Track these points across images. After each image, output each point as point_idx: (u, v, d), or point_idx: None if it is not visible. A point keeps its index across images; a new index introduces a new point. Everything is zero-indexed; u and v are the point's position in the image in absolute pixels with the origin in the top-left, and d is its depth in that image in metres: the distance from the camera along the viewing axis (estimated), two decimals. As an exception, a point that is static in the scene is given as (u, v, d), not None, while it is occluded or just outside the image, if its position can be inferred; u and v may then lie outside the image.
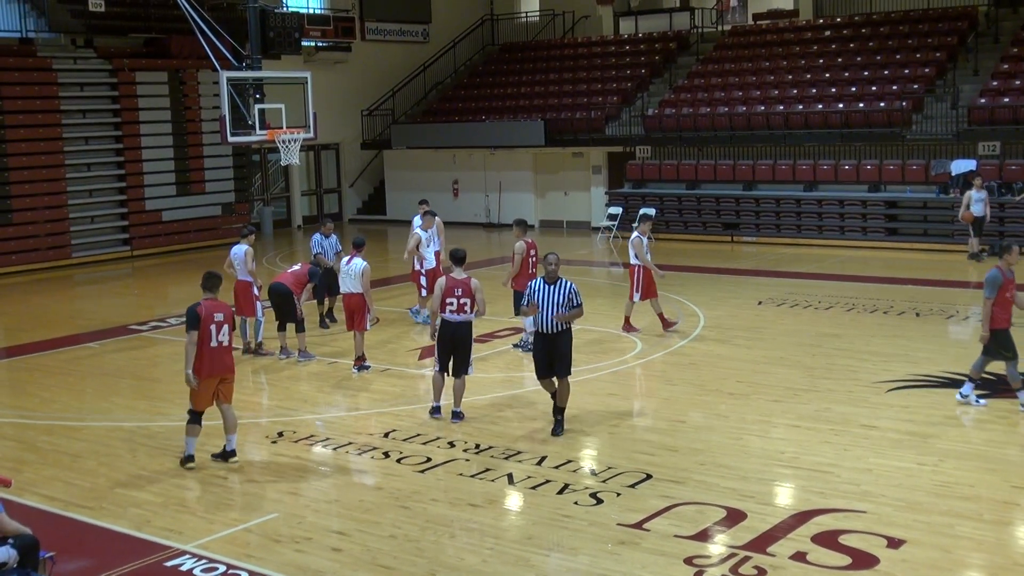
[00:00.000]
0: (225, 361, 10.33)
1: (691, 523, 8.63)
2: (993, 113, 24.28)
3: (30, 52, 26.29)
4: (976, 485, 9.32)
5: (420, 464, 10.29)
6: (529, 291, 11.17)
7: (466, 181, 32.38)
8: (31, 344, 16.90)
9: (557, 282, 10.98)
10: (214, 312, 10.23)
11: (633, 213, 27.57)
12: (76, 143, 26.63)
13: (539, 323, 11.00)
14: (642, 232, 15.86)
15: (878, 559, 7.84)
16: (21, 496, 9.55)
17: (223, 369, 10.32)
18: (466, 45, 36.76)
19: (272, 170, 33.17)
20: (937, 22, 28.45)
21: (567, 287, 10.96)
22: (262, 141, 19.94)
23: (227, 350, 10.33)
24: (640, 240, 15.65)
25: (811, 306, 17.69)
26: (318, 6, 33.38)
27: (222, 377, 10.36)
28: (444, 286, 11.35)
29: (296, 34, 21.68)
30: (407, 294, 20.11)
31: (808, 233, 25.73)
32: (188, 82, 28.53)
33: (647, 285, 15.68)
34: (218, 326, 10.20)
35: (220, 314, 10.23)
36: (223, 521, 9.06)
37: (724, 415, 11.68)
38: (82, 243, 26.61)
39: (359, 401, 12.91)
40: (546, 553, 8.18)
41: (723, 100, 28.50)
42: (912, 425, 11.06)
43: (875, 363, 13.62)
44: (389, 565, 8.08)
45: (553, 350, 10.94)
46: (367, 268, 13.95)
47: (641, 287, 15.67)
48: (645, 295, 15.72)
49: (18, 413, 12.90)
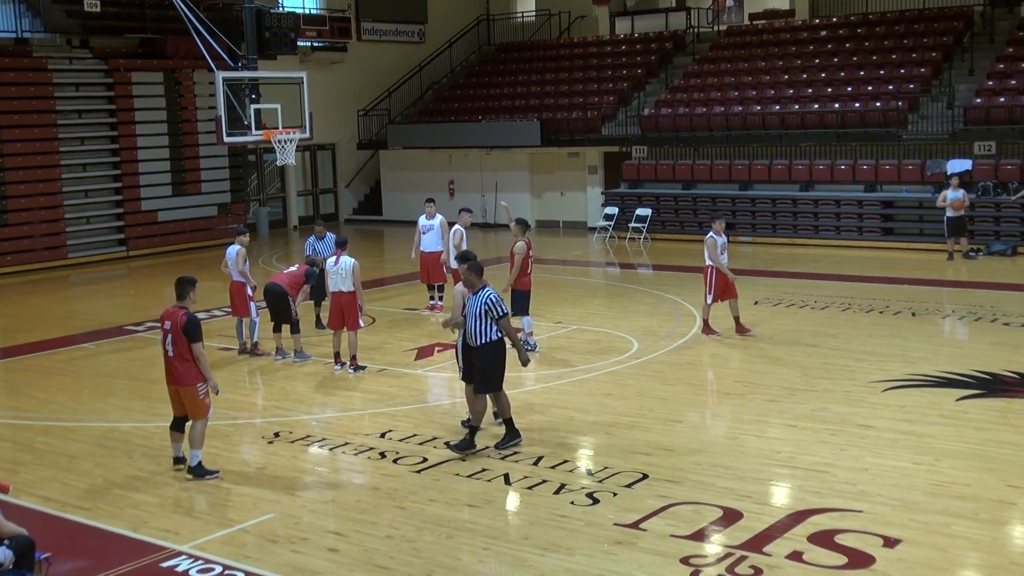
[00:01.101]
0: (170, 371, 10.20)
1: (687, 523, 8.63)
2: (989, 113, 24.31)
3: (26, 52, 26.26)
4: (972, 484, 9.33)
5: (417, 464, 10.29)
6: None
7: (462, 181, 32.38)
8: (27, 345, 16.88)
9: (479, 292, 10.50)
10: (163, 321, 10.16)
11: (629, 213, 27.62)
12: (72, 143, 26.60)
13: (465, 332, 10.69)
14: (716, 231, 15.17)
15: (874, 558, 7.85)
16: (17, 497, 9.51)
17: (169, 379, 10.22)
18: (462, 45, 36.77)
19: (268, 170, 33.16)
20: (933, 22, 28.49)
21: (484, 296, 10.45)
22: (258, 141, 19.91)
23: (171, 360, 10.15)
24: (713, 240, 15.09)
25: (807, 306, 17.70)
26: (314, 6, 33.37)
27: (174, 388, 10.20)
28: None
29: (292, 34, 21.65)
30: (402, 294, 20.13)
31: (804, 233, 25.75)
32: (184, 82, 28.52)
33: (722, 286, 15.16)
34: (164, 335, 10.11)
35: (168, 323, 10.12)
36: (219, 522, 9.06)
37: (721, 415, 11.69)
38: (78, 243, 26.58)
39: (355, 402, 12.90)
40: (542, 553, 8.18)
41: (719, 100, 28.52)
42: (908, 425, 11.07)
43: (871, 363, 13.63)
44: (386, 565, 8.08)
45: (475, 362, 10.59)
46: (357, 265, 13.95)
47: (714, 288, 15.16)
48: (721, 296, 15.23)
49: (14, 414, 12.88)
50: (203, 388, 10.11)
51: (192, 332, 9.99)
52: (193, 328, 10.02)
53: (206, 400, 10.13)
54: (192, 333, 9.99)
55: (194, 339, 10.00)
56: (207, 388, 10.13)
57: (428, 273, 18.02)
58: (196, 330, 10.04)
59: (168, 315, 10.16)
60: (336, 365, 14.17)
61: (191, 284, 10.29)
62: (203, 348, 10.10)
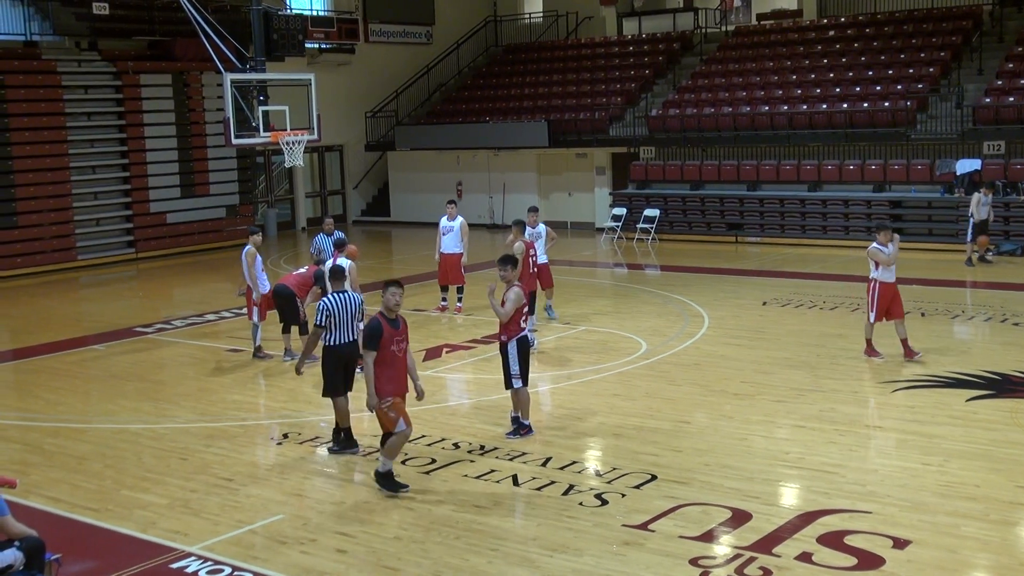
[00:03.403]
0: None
1: (696, 524, 8.62)
2: (998, 112, 24.25)
3: (35, 55, 26.34)
4: (982, 485, 9.31)
5: (425, 465, 10.30)
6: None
7: (470, 182, 32.40)
8: (37, 346, 16.93)
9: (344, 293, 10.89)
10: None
11: (637, 214, 27.61)
12: (81, 146, 26.67)
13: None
14: (881, 241, 13.73)
15: (884, 559, 7.83)
16: (27, 498, 9.56)
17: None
18: (470, 46, 36.79)
19: (276, 172, 33.22)
20: (941, 21, 28.43)
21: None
22: (266, 143, 19.97)
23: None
24: (878, 251, 13.70)
25: (816, 306, 17.67)
26: (322, 8, 33.41)
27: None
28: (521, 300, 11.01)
29: (300, 36, 21.68)
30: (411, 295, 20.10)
31: (812, 233, 25.71)
32: (192, 84, 28.58)
33: (885, 303, 13.69)
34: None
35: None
36: (228, 523, 9.07)
37: (729, 416, 11.67)
38: (87, 245, 26.64)
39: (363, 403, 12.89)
40: (551, 554, 8.18)
41: (727, 100, 28.49)
42: (917, 425, 11.05)
43: (880, 363, 13.60)
44: (394, 566, 8.08)
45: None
46: (354, 266, 13.99)
47: (877, 305, 13.68)
48: (885, 315, 13.73)
49: (24, 415, 12.92)
50: (385, 402, 9.44)
51: (363, 337, 9.50)
52: (365, 334, 9.48)
53: (389, 413, 9.46)
54: (363, 338, 9.50)
55: (364, 345, 9.48)
56: (389, 402, 9.44)
57: (447, 274, 18.03)
58: (367, 337, 9.41)
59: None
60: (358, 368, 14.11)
61: (395, 286, 9.67)
62: (372, 358, 9.37)
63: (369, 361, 9.34)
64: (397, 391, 9.52)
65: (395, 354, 9.45)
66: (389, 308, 9.53)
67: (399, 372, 9.55)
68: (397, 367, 9.51)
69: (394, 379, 9.49)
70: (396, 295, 9.56)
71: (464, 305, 17.87)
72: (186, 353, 16.11)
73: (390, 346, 9.38)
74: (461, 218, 18.09)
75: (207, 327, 17.88)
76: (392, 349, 9.41)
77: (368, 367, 9.35)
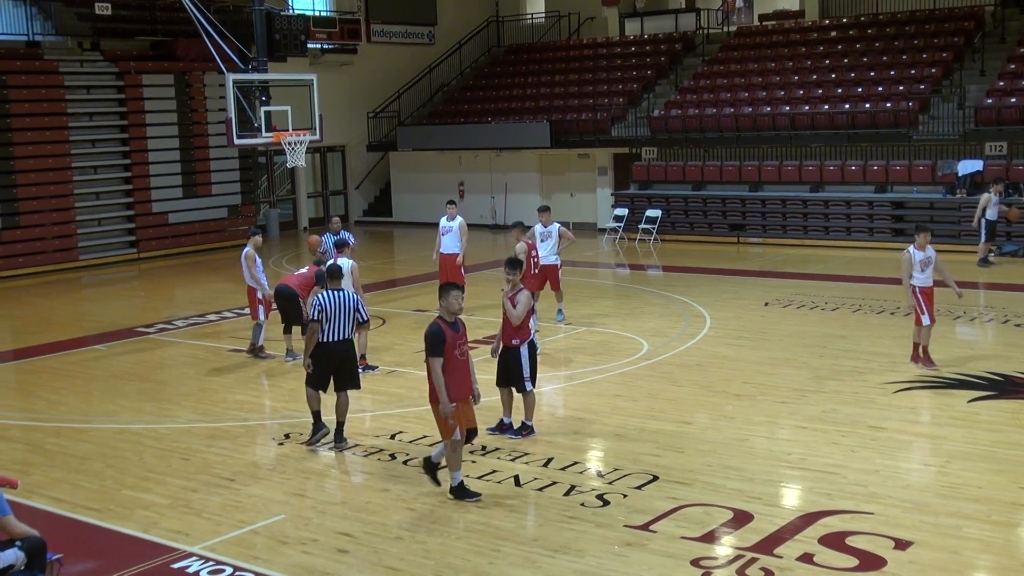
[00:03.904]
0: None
1: (698, 525, 8.62)
2: (1000, 113, 24.24)
3: (37, 55, 26.36)
4: (984, 486, 9.30)
5: (426, 466, 10.29)
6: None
7: (472, 183, 32.40)
8: (38, 346, 16.94)
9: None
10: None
11: (639, 214, 27.60)
12: (83, 146, 26.68)
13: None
14: (917, 245, 13.36)
15: (886, 560, 7.83)
16: (28, 498, 9.57)
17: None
18: (472, 47, 36.79)
19: (278, 172, 33.22)
20: (943, 22, 28.42)
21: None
22: (268, 143, 19.95)
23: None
24: (909, 255, 13.33)
25: (817, 307, 17.66)
26: (324, 8, 33.43)
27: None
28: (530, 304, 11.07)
29: (302, 36, 21.67)
30: (413, 295, 20.14)
31: (814, 234, 25.70)
32: (194, 85, 28.59)
33: (931, 304, 13.37)
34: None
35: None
36: (230, 523, 9.07)
37: (730, 416, 11.66)
38: (89, 245, 26.65)
39: (365, 403, 12.90)
40: (552, 555, 8.17)
41: (729, 101, 28.49)
42: (919, 426, 11.05)
43: (882, 364, 13.60)
44: (396, 567, 8.08)
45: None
46: (355, 266, 14.01)
47: (927, 308, 13.30)
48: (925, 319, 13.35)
49: (25, 415, 12.93)
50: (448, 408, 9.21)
51: (427, 344, 9.19)
52: (429, 338, 9.18)
53: (449, 421, 9.19)
54: (427, 345, 9.19)
55: (427, 351, 9.20)
56: (453, 408, 9.17)
57: (447, 274, 17.98)
58: (431, 343, 9.15)
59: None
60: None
61: (457, 290, 9.54)
62: (439, 364, 9.12)
63: (437, 368, 9.11)
64: (460, 396, 9.32)
65: (457, 358, 9.28)
66: (451, 312, 9.38)
67: (462, 377, 9.35)
68: (460, 372, 9.31)
69: (457, 384, 9.28)
70: (459, 299, 9.44)
71: (465, 305, 17.82)
72: (188, 353, 16.11)
73: (453, 351, 9.22)
74: (460, 218, 18.08)
75: (209, 327, 17.88)
76: (455, 353, 9.26)
77: (437, 374, 9.10)
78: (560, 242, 16.67)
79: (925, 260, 13.37)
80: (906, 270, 13.36)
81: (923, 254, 13.36)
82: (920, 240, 13.39)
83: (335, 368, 10.94)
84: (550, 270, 16.43)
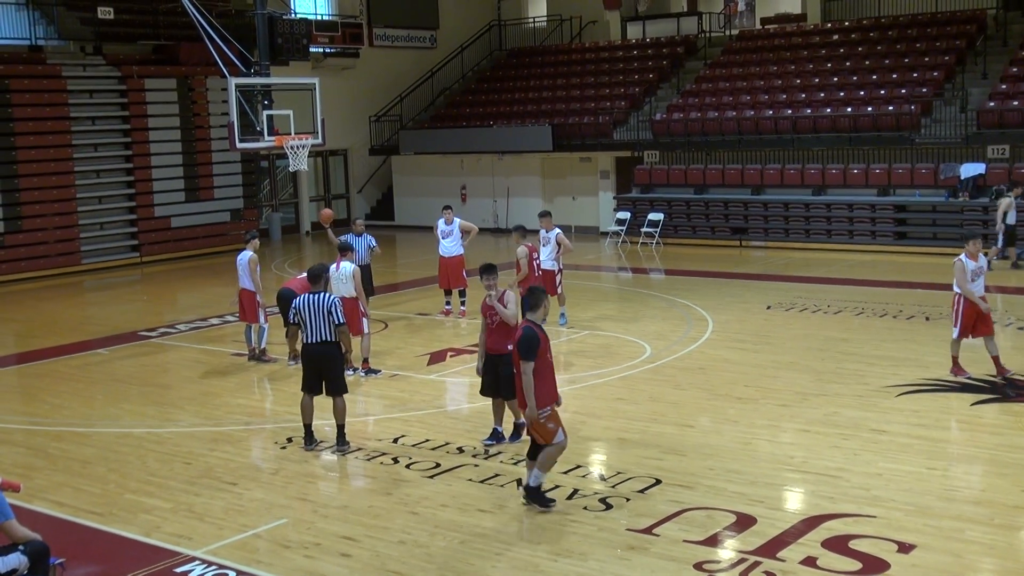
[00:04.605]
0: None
1: (701, 528, 8.61)
2: (1002, 116, 24.23)
3: (40, 60, 26.40)
4: (987, 489, 9.29)
5: (429, 470, 10.29)
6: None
7: (474, 186, 32.42)
8: (41, 350, 16.95)
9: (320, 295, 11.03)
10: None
11: (641, 218, 27.60)
12: (85, 150, 26.72)
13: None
14: (969, 253, 12.61)
15: (889, 564, 7.82)
16: (31, 502, 9.57)
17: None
18: (474, 50, 36.82)
19: (280, 176, 33.26)
20: (945, 25, 28.42)
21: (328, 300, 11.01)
22: (270, 147, 19.98)
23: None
24: (962, 264, 12.56)
25: (820, 310, 17.65)
26: (326, 12, 33.47)
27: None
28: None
29: (304, 40, 21.74)
30: (415, 299, 20.14)
31: (817, 237, 25.69)
32: (197, 89, 28.63)
33: (970, 319, 12.63)
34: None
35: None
36: (232, 527, 9.07)
37: (733, 420, 11.65)
38: (91, 249, 26.69)
39: (368, 407, 12.91)
40: (555, 559, 8.17)
41: (731, 104, 28.50)
42: (922, 429, 11.03)
43: (885, 367, 13.58)
44: (398, 571, 8.08)
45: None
46: (358, 270, 14.03)
47: (961, 321, 12.65)
48: (971, 331, 12.70)
49: (28, 419, 12.93)
50: (544, 412, 9.00)
51: (524, 348, 8.92)
52: (526, 343, 8.92)
53: (548, 425, 9.02)
54: (523, 349, 8.93)
55: (524, 356, 8.91)
56: (547, 412, 8.99)
57: (448, 278, 18.01)
58: (528, 347, 8.91)
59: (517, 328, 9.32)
60: (348, 370, 14.17)
61: (544, 295, 9.27)
62: (531, 368, 8.88)
63: (529, 371, 8.90)
64: (555, 398, 9.22)
65: (548, 362, 9.20)
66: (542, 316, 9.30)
67: (553, 380, 9.25)
68: (550, 375, 9.20)
69: (550, 387, 9.17)
70: (547, 303, 9.38)
71: (467, 309, 17.86)
72: (190, 357, 16.12)
73: (545, 354, 9.13)
74: (459, 220, 18.12)
75: (211, 331, 17.89)
76: (547, 357, 9.18)
77: (528, 378, 8.89)
78: (556, 249, 16.66)
79: (977, 270, 12.62)
80: (964, 278, 12.51)
81: (975, 263, 12.58)
82: (971, 248, 12.60)
83: (319, 371, 11.03)
84: (547, 275, 16.46)
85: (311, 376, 11.07)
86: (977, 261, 12.62)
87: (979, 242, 12.78)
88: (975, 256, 12.61)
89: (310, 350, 11.03)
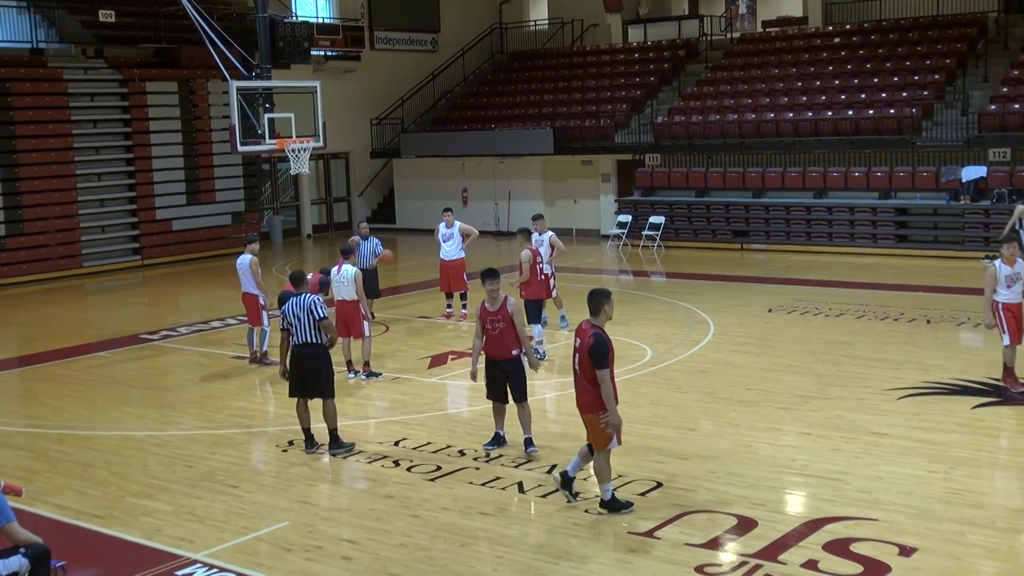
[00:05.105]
0: (576, 393, 9.35)
1: (702, 531, 8.61)
2: (1003, 119, 24.23)
3: (41, 63, 26.43)
4: (988, 493, 9.29)
5: (430, 473, 10.29)
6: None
7: (475, 189, 32.43)
8: (42, 353, 16.95)
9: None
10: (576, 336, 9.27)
11: (643, 221, 27.60)
12: (87, 153, 26.74)
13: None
14: (1004, 258, 12.20)
15: (890, 567, 7.81)
16: (32, 505, 9.57)
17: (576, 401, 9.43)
18: (475, 54, 36.84)
19: (282, 179, 33.28)
20: (947, 28, 28.42)
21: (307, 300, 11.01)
22: (272, 150, 20.00)
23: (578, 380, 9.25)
24: (994, 270, 12.24)
25: (821, 313, 17.65)
26: (327, 16, 33.50)
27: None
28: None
29: (305, 43, 21.74)
30: (416, 302, 20.14)
31: (818, 240, 25.68)
32: (198, 92, 28.65)
33: (1013, 324, 12.18)
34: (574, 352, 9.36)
35: (578, 340, 9.19)
36: (234, 530, 9.07)
37: (734, 423, 11.65)
38: (93, 252, 26.69)
39: (369, 410, 12.91)
40: (556, 561, 8.17)
41: (732, 107, 28.49)
42: (923, 432, 11.02)
43: (886, 370, 13.58)
44: (399, 574, 8.08)
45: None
46: (359, 273, 14.04)
47: (1007, 326, 12.16)
48: (1017, 336, 12.24)
49: (29, 422, 12.94)
50: (604, 418, 8.99)
51: (597, 356, 8.87)
52: (599, 351, 8.87)
53: (607, 431, 8.98)
54: (597, 357, 8.87)
55: (598, 364, 8.85)
56: (607, 417, 8.96)
57: (449, 281, 18.01)
58: (602, 354, 8.88)
59: (580, 331, 9.14)
60: (349, 373, 14.19)
61: (606, 297, 9.22)
62: (608, 374, 8.89)
63: (607, 377, 8.85)
64: (616, 403, 9.17)
65: (613, 368, 9.22)
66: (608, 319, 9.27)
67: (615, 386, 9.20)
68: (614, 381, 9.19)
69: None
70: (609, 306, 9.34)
71: (468, 312, 17.85)
72: (191, 360, 16.13)
73: (612, 361, 9.14)
74: (459, 223, 18.13)
75: (212, 334, 17.90)
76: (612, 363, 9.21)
77: (608, 384, 8.84)
78: (549, 252, 16.58)
79: (1013, 276, 12.16)
80: (989, 285, 12.20)
81: (1011, 269, 12.14)
82: (1007, 253, 12.18)
83: (303, 373, 11.04)
84: (546, 279, 16.39)
85: (295, 379, 11.09)
86: (1013, 267, 12.16)
87: (1014, 247, 12.35)
88: (1011, 261, 12.17)
89: (296, 353, 11.07)
